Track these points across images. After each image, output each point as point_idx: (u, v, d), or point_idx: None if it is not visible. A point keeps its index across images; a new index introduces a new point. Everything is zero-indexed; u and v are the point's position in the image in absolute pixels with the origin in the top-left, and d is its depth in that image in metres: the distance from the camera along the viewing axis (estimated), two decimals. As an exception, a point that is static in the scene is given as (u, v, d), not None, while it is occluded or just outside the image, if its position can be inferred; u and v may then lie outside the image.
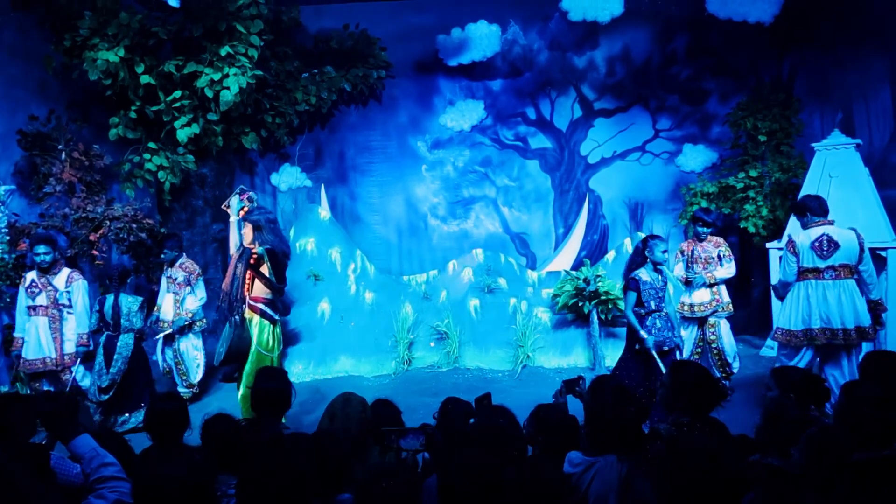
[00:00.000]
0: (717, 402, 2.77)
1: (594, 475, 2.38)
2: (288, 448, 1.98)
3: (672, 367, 2.92)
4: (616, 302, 6.70)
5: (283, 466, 1.73)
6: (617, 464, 2.44)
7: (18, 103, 6.64)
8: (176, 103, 7.09)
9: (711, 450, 1.94)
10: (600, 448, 2.48)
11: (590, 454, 2.51)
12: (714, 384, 2.78)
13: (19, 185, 6.51)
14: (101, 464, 2.28)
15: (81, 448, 2.31)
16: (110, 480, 2.24)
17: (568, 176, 9.29)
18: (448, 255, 8.72)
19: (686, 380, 2.77)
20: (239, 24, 7.06)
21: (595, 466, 2.45)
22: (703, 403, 2.74)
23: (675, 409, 2.78)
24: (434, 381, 6.63)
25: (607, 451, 2.47)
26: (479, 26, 8.79)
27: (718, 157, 8.73)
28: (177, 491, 1.76)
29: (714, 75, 8.89)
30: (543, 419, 2.77)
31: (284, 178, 9.11)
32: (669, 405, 2.78)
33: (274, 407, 3.05)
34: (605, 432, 2.51)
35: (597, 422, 2.56)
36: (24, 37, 6.81)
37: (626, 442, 2.51)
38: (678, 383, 2.80)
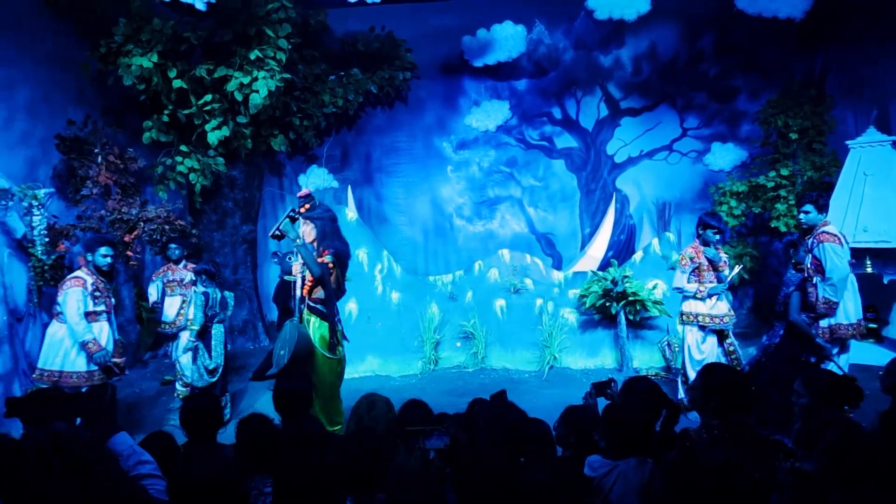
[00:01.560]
0: (748, 406, 2.73)
1: (617, 478, 2.37)
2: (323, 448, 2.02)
3: (703, 369, 2.88)
4: (644, 303, 6.63)
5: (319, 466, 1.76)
6: (639, 466, 2.43)
7: (57, 109, 6.85)
8: (207, 107, 7.23)
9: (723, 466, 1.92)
10: (622, 451, 2.47)
11: (610, 457, 2.50)
12: (745, 387, 2.74)
13: (58, 188, 6.72)
14: (138, 461, 2.35)
15: (119, 446, 2.37)
16: (147, 478, 2.30)
17: (594, 175, 9.23)
18: (474, 256, 8.73)
19: (716, 382, 2.73)
20: (268, 28, 7.18)
21: (617, 469, 2.44)
22: (733, 407, 2.70)
23: (706, 412, 2.75)
24: (460, 382, 6.64)
25: (629, 454, 2.46)
26: (504, 27, 8.79)
27: (748, 156, 8.58)
28: (208, 490, 1.81)
29: (743, 72, 8.74)
30: (575, 421, 2.76)
31: (312, 179, 9.22)
32: (700, 407, 2.75)
33: (296, 405, 3.06)
34: (632, 435, 2.50)
35: (621, 424, 2.54)
36: (62, 45, 7.02)
37: (647, 444, 2.49)
38: (708, 385, 2.76)
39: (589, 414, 2.74)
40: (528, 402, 5.38)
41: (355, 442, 2.15)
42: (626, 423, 2.54)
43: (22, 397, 2.85)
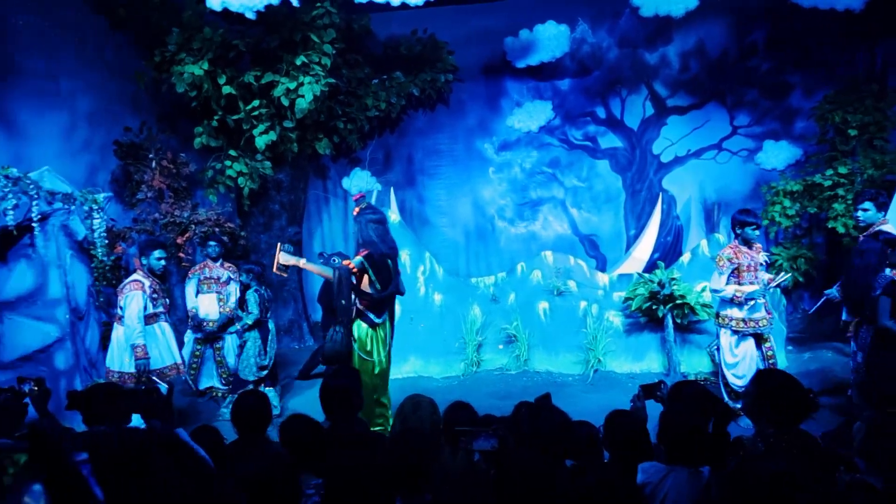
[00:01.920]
0: (806, 414, 2.62)
1: (670, 485, 2.31)
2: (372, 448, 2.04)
3: (757, 375, 2.78)
4: (692, 306, 6.46)
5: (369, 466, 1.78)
6: (694, 475, 2.36)
7: (116, 117, 7.15)
8: (254, 112, 7.43)
9: (788, 472, 1.84)
10: (676, 457, 2.41)
11: (665, 463, 2.44)
12: (803, 394, 2.63)
13: (115, 192, 7.01)
14: (195, 457, 2.42)
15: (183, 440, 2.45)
16: None
17: (640, 176, 9.05)
18: (516, 258, 8.68)
19: (771, 389, 2.63)
20: (313, 33, 7.32)
21: (671, 476, 2.38)
22: (790, 415, 2.59)
23: (760, 420, 2.66)
24: (503, 384, 6.61)
25: (683, 461, 2.40)
26: (547, 27, 8.71)
27: (803, 154, 8.26)
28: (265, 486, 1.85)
29: (797, 67, 8.42)
30: (619, 425, 2.71)
31: (355, 181, 9.34)
32: (754, 415, 2.66)
33: (342, 404, 3.07)
34: (681, 441, 2.44)
35: (672, 430, 2.48)
36: (120, 56, 7.33)
37: (702, 452, 2.42)
38: (763, 392, 2.67)
39: (632, 419, 2.68)
40: (572, 406, 5.29)
41: (403, 442, 2.16)
42: (674, 428, 2.47)
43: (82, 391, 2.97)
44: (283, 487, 1.82)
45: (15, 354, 5.28)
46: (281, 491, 1.80)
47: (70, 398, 2.81)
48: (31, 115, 6.19)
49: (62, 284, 5.60)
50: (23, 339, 5.32)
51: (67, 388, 5.40)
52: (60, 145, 6.53)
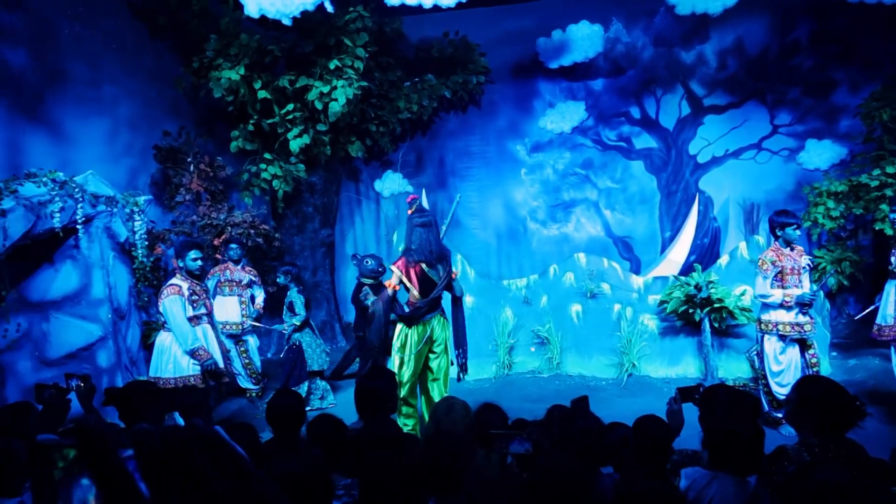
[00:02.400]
0: (852, 423, 2.51)
1: (715, 493, 2.25)
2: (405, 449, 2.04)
3: (800, 381, 2.68)
4: (731, 310, 6.29)
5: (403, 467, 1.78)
6: (740, 483, 2.29)
7: (155, 122, 7.35)
8: (289, 116, 7.54)
9: (845, 482, 1.76)
10: (720, 464, 2.34)
11: (709, 469, 2.37)
12: (849, 401, 2.53)
13: (155, 195, 7.20)
14: (231, 454, 2.45)
15: None
16: None
17: (675, 177, 8.87)
18: (548, 260, 8.60)
19: (814, 396, 2.53)
20: (346, 37, 7.40)
21: (715, 483, 2.32)
22: (835, 423, 2.49)
23: (803, 429, 2.56)
24: (535, 387, 6.55)
25: (727, 467, 2.33)
26: (580, 27, 8.62)
27: (848, 153, 7.98)
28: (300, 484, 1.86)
29: (842, 64, 8.14)
30: (645, 431, 2.64)
31: (387, 184, 9.40)
32: (797, 423, 2.56)
33: (376, 404, 3.07)
34: (724, 448, 2.37)
35: (715, 436, 2.41)
36: (159, 62, 7.53)
37: (747, 457, 2.35)
38: (805, 399, 2.57)
39: (658, 425, 2.60)
40: (606, 410, 5.22)
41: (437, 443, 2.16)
42: (717, 434, 2.41)
43: (121, 388, 3.05)
44: (318, 487, 1.83)
45: (61, 352, 5.47)
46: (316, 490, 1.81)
47: (107, 395, 2.89)
48: (76, 120, 6.40)
49: (105, 285, 5.78)
50: (68, 337, 5.50)
51: (109, 385, 5.56)
52: (103, 150, 6.73)
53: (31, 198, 5.06)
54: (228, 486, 1.58)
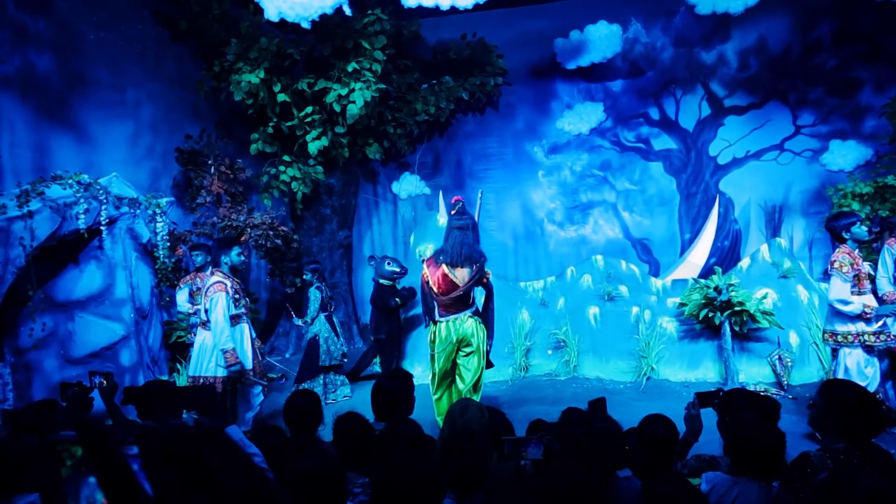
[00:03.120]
0: (880, 428, 2.46)
1: (737, 497, 2.23)
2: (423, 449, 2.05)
3: (825, 384, 2.63)
4: (752, 314, 6.20)
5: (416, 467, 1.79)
6: (762, 487, 2.27)
7: (176, 125, 7.47)
8: (308, 118, 7.61)
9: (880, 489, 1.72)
10: (742, 469, 2.31)
11: (730, 474, 2.35)
12: (876, 406, 2.48)
13: (176, 197, 7.32)
14: (249, 453, 2.48)
15: (232, 437, 2.53)
16: None
17: (695, 178, 8.77)
18: (566, 262, 8.56)
19: (841, 400, 2.48)
20: (364, 40, 7.44)
21: (737, 488, 2.29)
22: (861, 428, 2.44)
23: (828, 434, 2.52)
24: (552, 390, 6.51)
25: (750, 474, 2.30)
26: (598, 27, 8.57)
27: (874, 154, 7.83)
28: (314, 483, 1.88)
29: (866, 63, 7.99)
30: (650, 433, 2.62)
31: (405, 186, 9.43)
32: (822, 428, 2.52)
33: (392, 406, 3.09)
34: (746, 453, 2.34)
35: (737, 441, 2.38)
36: (180, 66, 7.66)
37: (768, 465, 2.31)
38: (831, 403, 2.53)
39: (664, 431, 2.57)
40: (623, 414, 5.16)
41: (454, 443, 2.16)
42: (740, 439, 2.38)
43: (140, 387, 3.10)
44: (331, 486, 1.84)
45: (85, 351, 5.58)
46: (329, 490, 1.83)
47: (126, 393, 2.94)
48: (100, 124, 6.53)
49: (128, 285, 5.88)
50: (92, 336, 5.62)
51: (131, 383, 5.66)
52: (126, 152, 6.86)
53: (57, 199, 5.17)
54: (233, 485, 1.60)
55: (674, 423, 2.70)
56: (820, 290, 6.91)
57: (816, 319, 6.45)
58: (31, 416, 2.91)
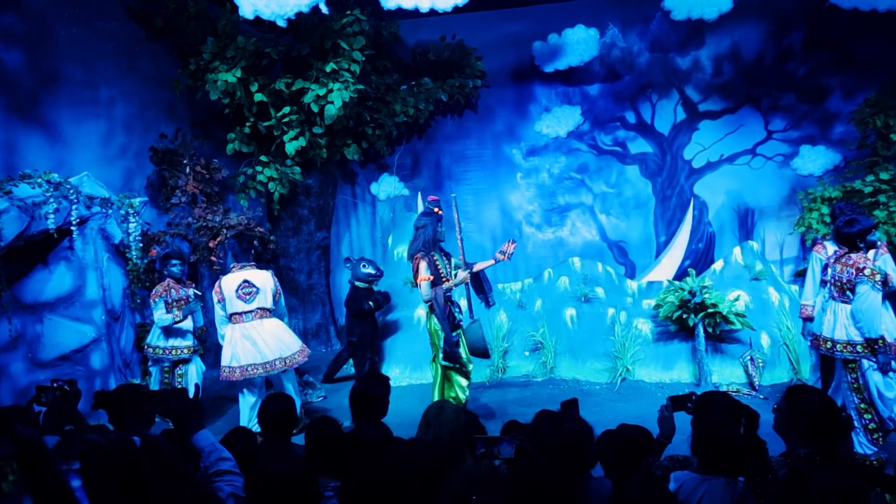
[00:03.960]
0: (841, 435, 2.55)
1: (703, 495, 2.27)
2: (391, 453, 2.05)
3: (789, 391, 2.70)
4: (725, 315, 6.31)
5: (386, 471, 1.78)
6: (730, 484, 2.31)
7: (151, 123, 7.35)
8: (285, 118, 7.55)
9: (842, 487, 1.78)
10: (711, 467, 2.36)
11: (698, 473, 2.39)
12: (837, 413, 2.55)
13: (151, 197, 7.20)
14: (219, 458, 2.45)
15: (202, 442, 2.49)
16: (226, 475, 2.39)
17: (670, 181, 8.90)
18: (543, 264, 8.62)
19: (805, 406, 2.56)
20: (343, 41, 7.41)
21: (704, 485, 2.33)
22: (824, 435, 2.51)
23: (791, 439, 2.59)
24: (529, 391, 6.56)
25: (717, 472, 2.35)
26: (576, 31, 8.65)
27: (842, 159, 8.02)
28: (285, 487, 1.87)
29: (837, 70, 8.19)
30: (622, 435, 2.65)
31: (383, 187, 9.41)
32: (786, 434, 2.58)
33: (369, 408, 3.09)
34: (712, 451, 2.39)
35: (707, 440, 2.43)
36: (155, 64, 7.54)
37: (735, 463, 2.36)
38: (796, 410, 2.60)
39: (639, 435, 2.61)
40: (598, 415, 5.25)
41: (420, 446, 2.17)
42: (709, 438, 2.42)
43: (110, 391, 3.04)
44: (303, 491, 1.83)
45: (54, 354, 5.47)
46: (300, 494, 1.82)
47: (96, 398, 2.88)
48: (71, 122, 6.40)
49: (99, 286, 5.78)
50: (61, 338, 5.50)
51: (102, 387, 5.55)
52: (99, 151, 6.73)
53: (26, 199, 5.06)
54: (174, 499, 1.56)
55: (645, 427, 2.74)
56: (791, 292, 7.06)
57: (787, 321, 6.59)
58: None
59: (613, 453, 2.55)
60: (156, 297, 5.66)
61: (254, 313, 5.08)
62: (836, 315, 4.39)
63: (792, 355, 6.46)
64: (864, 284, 4.17)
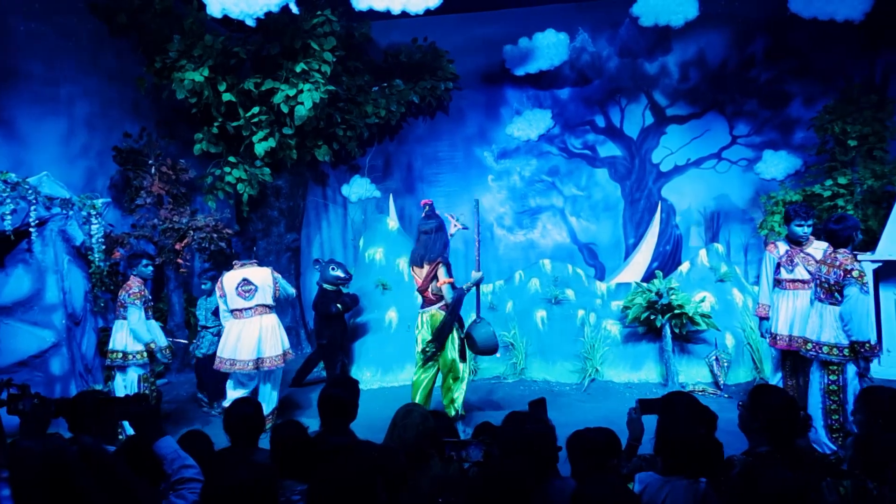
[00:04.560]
0: (801, 432, 2.64)
1: (667, 496, 2.30)
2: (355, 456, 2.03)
3: (753, 390, 2.78)
4: (691, 316, 6.43)
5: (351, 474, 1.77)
6: (692, 485, 2.35)
7: (114, 122, 7.18)
8: (254, 119, 7.44)
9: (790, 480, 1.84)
10: (674, 468, 2.39)
11: (662, 474, 2.42)
12: (797, 412, 2.64)
13: (114, 198, 7.03)
14: (182, 465, 2.39)
15: (164, 449, 2.42)
16: (190, 482, 2.34)
17: (639, 185, 9.05)
18: (514, 266, 8.67)
19: (765, 404, 2.64)
20: (313, 41, 7.35)
21: (667, 487, 2.37)
22: (783, 432, 2.59)
23: (754, 435, 2.65)
24: (500, 393, 6.58)
25: (679, 472, 2.38)
26: (546, 35, 8.73)
27: (802, 164, 8.25)
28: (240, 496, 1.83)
29: (797, 78, 8.43)
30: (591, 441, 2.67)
31: (355, 189, 9.35)
32: (749, 431, 2.65)
33: (337, 412, 3.07)
34: (676, 452, 2.43)
35: (667, 441, 2.47)
36: (120, 61, 7.37)
37: (698, 463, 2.41)
38: (757, 407, 2.67)
39: (605, 437, 2.64)
40: (568, 415, 5.30)
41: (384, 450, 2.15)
42: (673, 439, 2.46)
43: (71, 398, 2.95)
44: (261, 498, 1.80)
45: (11, 360, 5.29)
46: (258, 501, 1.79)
47: (57, 405, 2.79)
48: (30, 120, 6.21)
49: (59, 290, 5.61)
50: (19, 344, 5.33)
51: (62, 392, 5.40)
52: (59, 150, 6.54)
53: (-20, 200, 4.89)
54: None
55: (612, 428, 2.77)
56: (754, 293, 7.23)
57: (751, 322, 6.74)
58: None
59: (580, 455, 2.57)
60: (138, 296, 5.03)
61: (253, 310, 5.30)
62: (822, 317, 4.29)
63: (755, 355, 6.62)
64: (852, 286, 4.07)
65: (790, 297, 4.92)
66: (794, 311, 4.87)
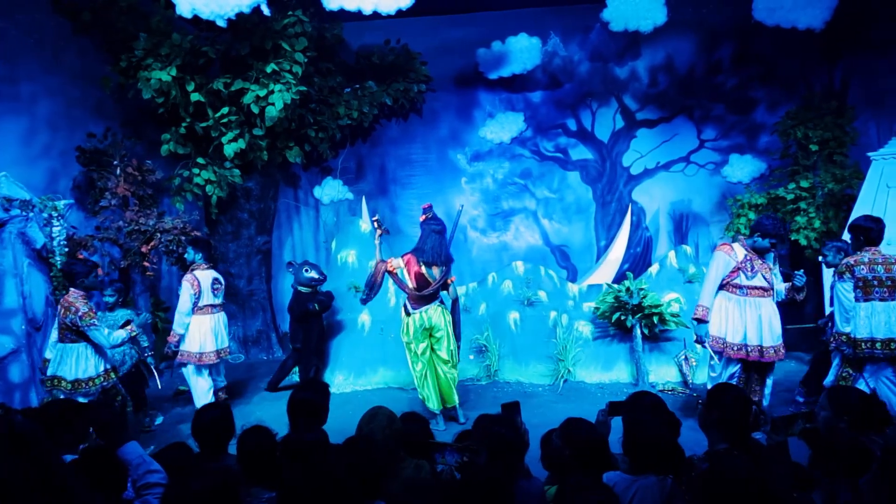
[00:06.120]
0: (753, 429, 2.72)
1: (635, 495, 2.33)
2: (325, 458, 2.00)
3: (713, 389, 2.85)
4: (662, 316, 6.54)
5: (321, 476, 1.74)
6: (660, 482, 2.38)
7: (78, 122, 6.98)
8: (223, 119, 7.32)
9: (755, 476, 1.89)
10: (640, 468, 2.42)
11: (629, 473, 2.45)
12: (749, 409, 2.70)
13: (77, 200, 6.82)
14: (147, 471, 2.35)
15: (130, 455, 2.38)
16: (155, 487, 2.30)
17: (610, 187, 9.17)
18: (487, 268, 8.69)
19: (721, 402, 2.70)
20: (284, 42, 7.26)
21: (635, 486, 2.40)
22: (737, 428, 2.66)
23: (712, 432, 2.70)
24: (473, 395, 6.58)
25: (647, 471, 2.41)
26: (519, 39, 8.80)
27: (767, 168, 8.47)
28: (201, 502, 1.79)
29: (762, 84, 8.66)
30: (574, 433, 2.70)
31: (327, 191, 9.27)
32: (708, 428, 2.71)
33: (307, 416, 3.03)
34: (644, 451, 2.46)
35: (636, 440, 2.50)
36: (83, 60, 7.17)
37: (665, 462, 2.44)
38: (714, 405, 2.72)
39: (587, 428, 2.67)
40: (541, 416, 5.32)
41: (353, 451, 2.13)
42: (641, 439, 2.49)
43: (37, 408, 2.86)
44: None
45: (-34, 367, 5.09)
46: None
47: (23, 415, 2.70)
48: (-11, 119, 6.00)
49: (18, 294, 5.43)
50: (-25, 350, 5.13)
51: (23, 401, 5.22)
52: (19, 150, 6.34)
53: (-66, 201, 4.70)
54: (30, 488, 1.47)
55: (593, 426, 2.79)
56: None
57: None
58: None
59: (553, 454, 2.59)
60: (92, 315, 4.61)
61: (219, 307, 5.77)
62: (889, 315, 4.35)
63: (723, 354, 6.74)
64: None
65: (751, 305, 4.71)
66: (757, 320, 4.68)
